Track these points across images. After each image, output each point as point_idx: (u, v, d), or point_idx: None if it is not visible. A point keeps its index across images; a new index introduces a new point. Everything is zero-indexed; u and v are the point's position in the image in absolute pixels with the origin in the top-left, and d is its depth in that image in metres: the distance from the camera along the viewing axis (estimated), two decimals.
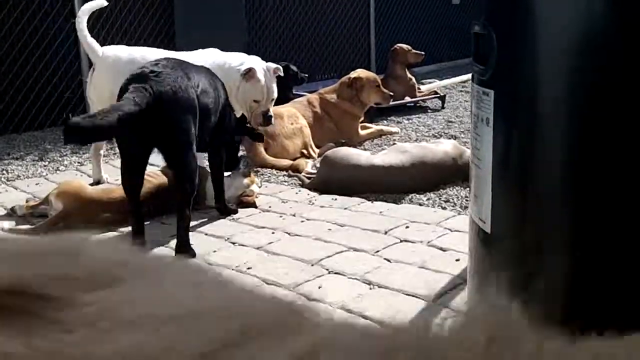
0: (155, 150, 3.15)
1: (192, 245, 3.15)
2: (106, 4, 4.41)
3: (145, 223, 3.30)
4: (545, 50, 1.54)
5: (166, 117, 3.02)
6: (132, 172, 3.21)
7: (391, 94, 5.94)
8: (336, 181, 4.11)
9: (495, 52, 1.60)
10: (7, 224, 3.63)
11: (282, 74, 4.28)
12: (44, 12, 6.85)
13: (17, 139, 6.41)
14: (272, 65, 4.23)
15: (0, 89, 6.69)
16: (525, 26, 1.57)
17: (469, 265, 1.86)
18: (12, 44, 6.74)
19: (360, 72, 5.88)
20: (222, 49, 4.37)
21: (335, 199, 3.94)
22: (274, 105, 5.35)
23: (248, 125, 4.15)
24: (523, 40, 1.57)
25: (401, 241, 3.13)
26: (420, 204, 3.77)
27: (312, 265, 2.88)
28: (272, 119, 4.16)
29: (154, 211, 3.57)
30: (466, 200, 3.76)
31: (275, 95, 4.23)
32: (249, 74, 4.07)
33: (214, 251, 3.14)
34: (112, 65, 4.16)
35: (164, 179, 3.69)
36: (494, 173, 1.62)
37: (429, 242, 3.08)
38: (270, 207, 3.88)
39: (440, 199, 3.85)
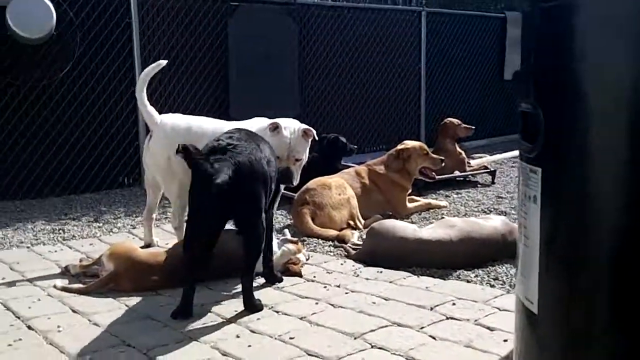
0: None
1: (236, 311, 3.20)
2: (165, 63, 4.53)
3: None
4: (594, 129, 1.55)
5: (244, 188, 3.15)
6: (201, 241, 3.28)
7: (442, 158, 5.96)
8: (382, 253, 4.11)
9: (542, 131, 1.61)
10: (60, 283, 3.71)
11: (315, 137, 4.22)
12: (106, 79, 7.13)
13: (74, 200, 6.61)
14: (303, 126, 4.22)
15: (62, 152, 6.92)
16: (574, 105, 1.58)
17: (515, 347, 1.83)
18: (75, 109, 7.01)
19: (407, 143, 5.94)
20: None
21: (381, 272, 3.93)
22: (322, 177, 5.43)
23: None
24: (572, 119, 1.58)
25: (447, 318, 3.10)
26: (467, 281, 3.73)
27: (355, 338, 2.86)
28: (293, 179, 4.05)
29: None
30: (515, 279, 3.71)
31: (301, 156, 4.15)
32: (274, 128, 4.12)
33: (258, 319, 3.15)
34: (169, 133, 4.29)
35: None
36: (541, 252, 1.62)
37: (475, 321, 3.04)
38: (315, 277, 3.88)
39: (488, 276, 3.80)
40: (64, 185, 6.96)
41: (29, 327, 3.09)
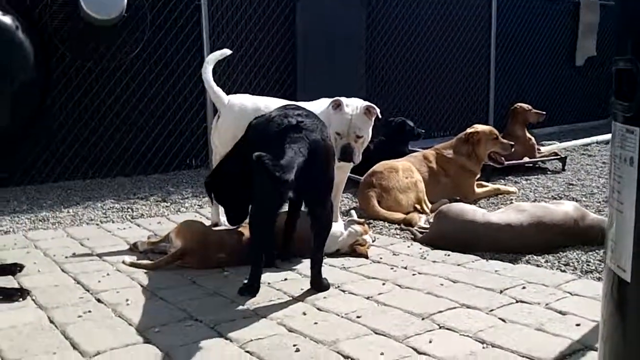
0: None
1: (303, 289, 3.21)
2: (229, 52, 4.59)
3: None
4: None
5: (316, 166, 3.11)
6: (272, 218, 3.27)
7: (512, 143, 5.83)
8: (450, 237, 4.04)
9: None
10: (128, 259, 3.77)
11: (378, 114, 4.16)
12: (175, 61, 7.22)
13: (143, 180, 6.74)
14: (366, 103, 4.17)
15: (131, 134, 7.05)
16: None
17: (601, 320, 1.75)
18: (144, 91, 7.12)
19: (476, 127, 5.82)
20: None
21: (449, 255, 3.87)
22: (389, 160, 5.38)
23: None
24: None
25: (517, 301, 3.02)
26: (537, 266, 3.64)
27: (423, 319, 2.82)
28: (354, 156, 4.03)
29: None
30: (587, 265, 3.60)
31: (362, 133, 4.08)
32: (337, 105, 4.09)
33: (324, 298, 3.14)
34: (237, 113, 4.30)
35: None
36: (637, 218, 1.54)
37: (547, 305, 2.96)
38: (381, 258, 3.85)
39: (559, 261, 3.70)
40: (133, 166, 7.10)
41: (98, 300, 3.15)
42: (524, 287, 3.21)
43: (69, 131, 6.79)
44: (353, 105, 4.11)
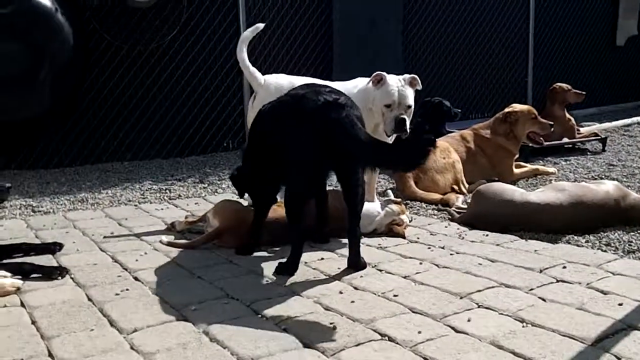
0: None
1: (339, 269, 3.20)
2: (262, 26, 4.55)
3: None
4: None
5: (355, 142, 3.05)
6: (307, 194, 3.29)
7: (551, 123, 5.73)
8: (489, 216, 3.99)
9: None
10: (166, 238, 3.80)
11: (419, 86, 4.11)
12: (212, 43, 7.23)
13: (180, 162, 6.79)
14: (408, 75, 4.13)
15: (168, 116, 7.10)
16: None
17: None
18: (182, 73, 7.15)
19: (514, 106, 5.74)
20: None
21: (487, 235, 3.82)
22: None
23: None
24: None
25: (557, 281, 2.97)
26: (578, 246, 3.57)
27: (461, 298, 2.79)
28: (407, 126, 3.97)
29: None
30: (629, 245, 3.53)
31: (410, 102, 4.01)
32: (379, 79, 4.04)
33: (361, 276, 3.12)
34: (274, 93, 4.28)
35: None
36: None
37: (588, 284, 2.90)
38: (418, 238, 3.82)
39: (600, 242, 3.62)
40: (170, 148, 7.14)
41: (136, 279, 3.18)
42: (564, 267, 3.16)
43: (106, 113, 6.85)
44: (395, 78, 4.07)
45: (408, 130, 3.96)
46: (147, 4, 6.71)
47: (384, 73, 4.06)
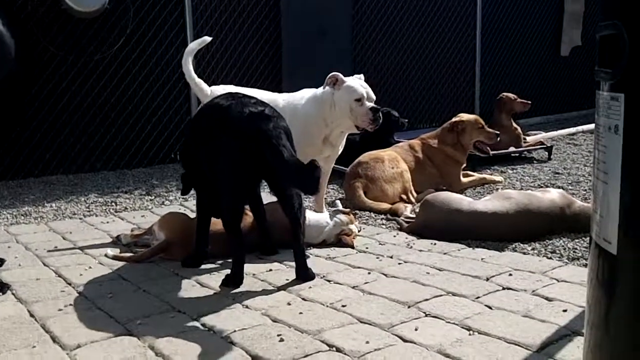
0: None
1: (287, 280, 3.17)
2: (209, 40, 4.53)
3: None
4: None
5: (278, 158, 3.01)
6: (241, 206, 3.24)
7: (497, 132, 5.81)
8: (436, 225, 4.01)
9: (627, 52, 1.49)
10: (111, 252, 3.72)
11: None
12: (159, 54, 7.16)
13: (127, 174, 6.68)
14: (357, 75, 4.19)
15: (115, 127, 6.99)
16: None
17: (587, 302, 1.71)
18: (128, 84, 7.06)
19: (461, 116, 5.80)
20: None
21: (435, 244, 3.84)
22: (374, 150, 5.35)
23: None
24: None
25: (504, 289, 3.00)
26: (524, 253, 3.62)
27: (409, 307, 2.79)
28: (380, 116, 4.00)
29: (252, 245, 3.59)
30: (574, 252, 3.58)
31: (374, 96, 4.08)
32: (333, 79, 4.04)
33: (309, 287, 3.10)
34: None
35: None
36: (622, 188, 1.51)
37: (533, 291, 2.94)
38: (367, 248, 3.82)
39: (546, 249, 3.68)
40: (117, 160, 7.03)
41: (80, 293, 3.10)
42: (510, 275, 3.19)
43: (51, 125, 6.71)
44: (349, 77, 4.10)
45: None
46: (92, 15, 6.60)
47: (338, 73, 4.07)
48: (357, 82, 4.05)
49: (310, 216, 3.85)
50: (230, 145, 3.06)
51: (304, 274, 3.22)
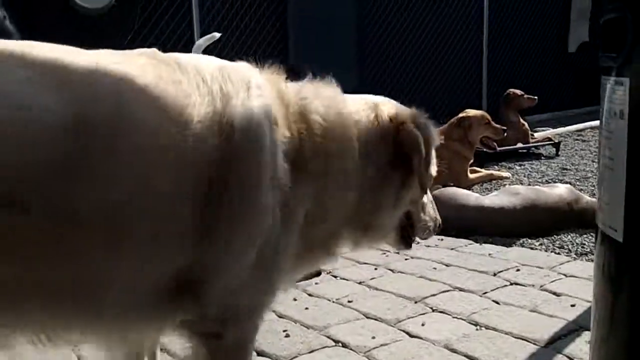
0: None
1: None
2: (218, 36, 4.50)
3: None
4: None
5: None
6: None
7: (504, 128, 5.78)
8: (443, 221, 3.98)
9: (631, 35, 1.47)
10: None
11: None
12: (166, 51, 7.12)
13: None
14: None
15: None
16: None
17: (594, 290, 1.69)
18: None
19: (468, 111, 5.77)
20: None
21: (442, 240, 3.83)
22: None
23: None
24: None
25: (511, 284, 2.98)
26: (531, 249, 3.60)
27: (416, 302, 2.78)
28: None
29: None
30: (582, 247, 3.56)
31: None
32: None
33: (316, 283, 3.09)
34: None
35: None
36: (629, 174, 1.48)
37: (541, 287, 2.92)
38: None
39: (553, 244, 3.66)
40: None
41: None
42: (518, 270, 3.18)
43: None
44: None
45: None
46: (98, 12, 6.59)
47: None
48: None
49: None
50: None
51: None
